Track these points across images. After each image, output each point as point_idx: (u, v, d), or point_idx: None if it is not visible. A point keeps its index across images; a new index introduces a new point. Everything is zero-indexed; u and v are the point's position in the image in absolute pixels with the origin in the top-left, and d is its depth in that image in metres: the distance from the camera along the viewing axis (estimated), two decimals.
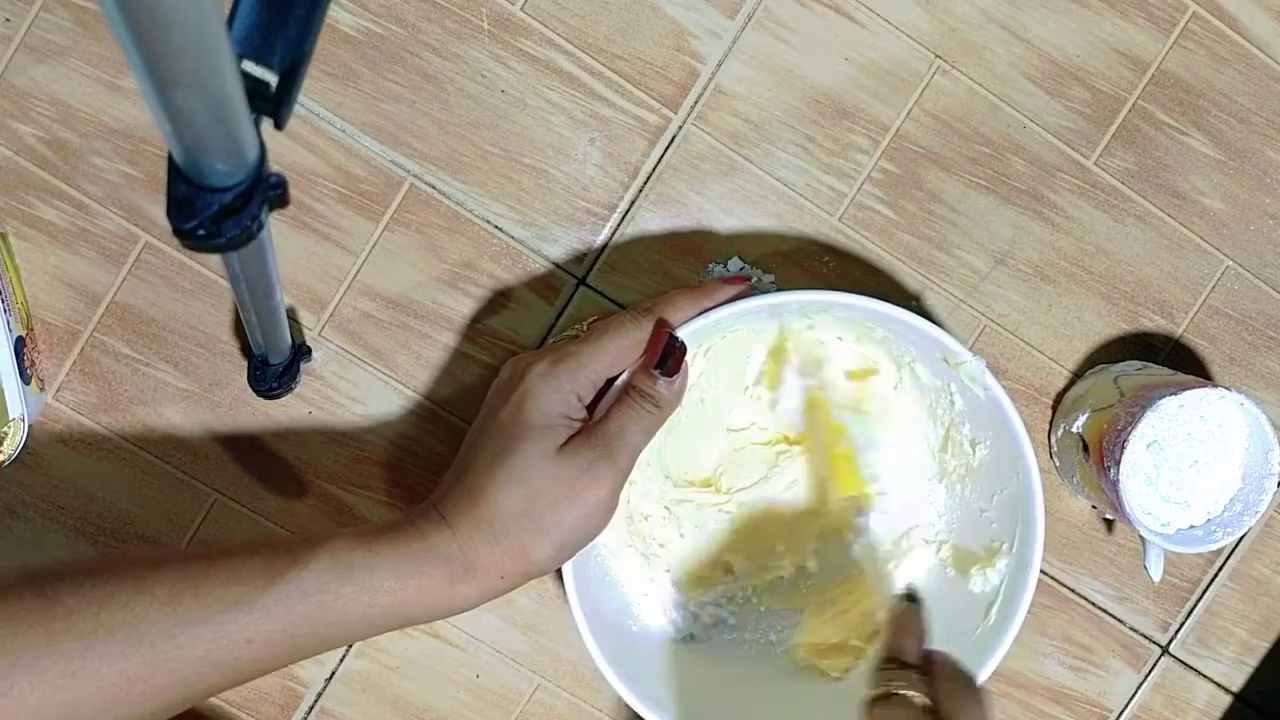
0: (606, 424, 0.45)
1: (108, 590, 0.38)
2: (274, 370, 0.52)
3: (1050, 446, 0.59)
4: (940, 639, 0.54)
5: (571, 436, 0.44)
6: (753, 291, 0.50)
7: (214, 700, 0.56)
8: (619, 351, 0.46)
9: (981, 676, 0.51)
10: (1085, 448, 0.55)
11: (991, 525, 0.53)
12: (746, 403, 0.56)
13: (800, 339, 0.55)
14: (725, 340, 0.54)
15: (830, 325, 0.54)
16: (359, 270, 0.55)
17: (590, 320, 0.53)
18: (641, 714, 0.50)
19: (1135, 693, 0.61)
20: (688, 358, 0.47)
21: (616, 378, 0.47)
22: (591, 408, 0.47)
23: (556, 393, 0.44)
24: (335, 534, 0.42)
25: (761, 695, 0.55)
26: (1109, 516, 0.59)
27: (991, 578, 0.53)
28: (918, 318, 0.49)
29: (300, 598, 0.39)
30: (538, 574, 0.43)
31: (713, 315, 0.48)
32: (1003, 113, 0.57)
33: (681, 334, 0.47)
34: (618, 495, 0.45)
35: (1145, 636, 0.61)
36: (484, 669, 0.58)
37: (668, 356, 0.46)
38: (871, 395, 0.56)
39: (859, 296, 0.49)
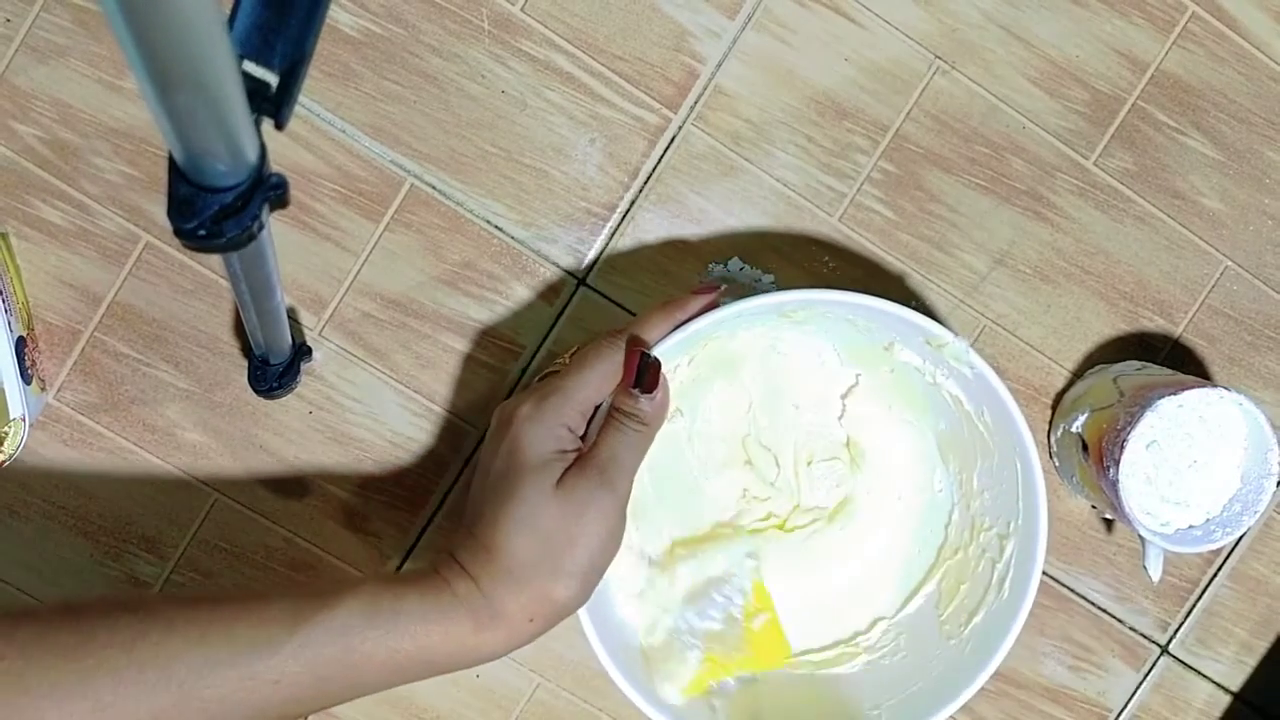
0: (598, 451, 0.45)
1: (141, 628, 0.38)
2: (274, 370, 0.52)
3: (1050, 446, 0.59)
4: (957, 619, 0.54)
5: (567, 469, 0.44)
6: (724, 298, 0.49)
7: None
8: (600, 377, 0.46)
9: (1003, 649, 0.51)
10: (1085, 447, 0.55)
11: (995, 504, 0.54)
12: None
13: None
14: (706, 349, 0.54)
15: (811, 328, 0.54)
16: (359, 270, 0.55)
17: (570, 352, 0.53)
18: (644, 712, 0.50)
19: (1135, 692, 0.61)
20: (668, 370, 0.47)
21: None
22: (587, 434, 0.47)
23: (545, 430, 0.45)
24: (363, 579, 0.42)
25: (756, 687, 0.55)
26: (1108, 516, 0.59)
27: (1001, 553, 0.53)
28: (893, 304, 0.48)
29: (326, 641, 0.40)
30: (567, 614, 0.43)
31: (690, 327, 0.48)
32: (1002, 113, 0.57)
33: (662, 348, 0.47)
34: (623, 517, 0.45)
35: (1145, 636, 0.61)
36: (484, 668, 0.58)
37: (643, 374, 0.46)
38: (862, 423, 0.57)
39: (833, 291, 0.48)
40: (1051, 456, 0.59)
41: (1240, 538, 0.60)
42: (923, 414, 0.56)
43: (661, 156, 0.56)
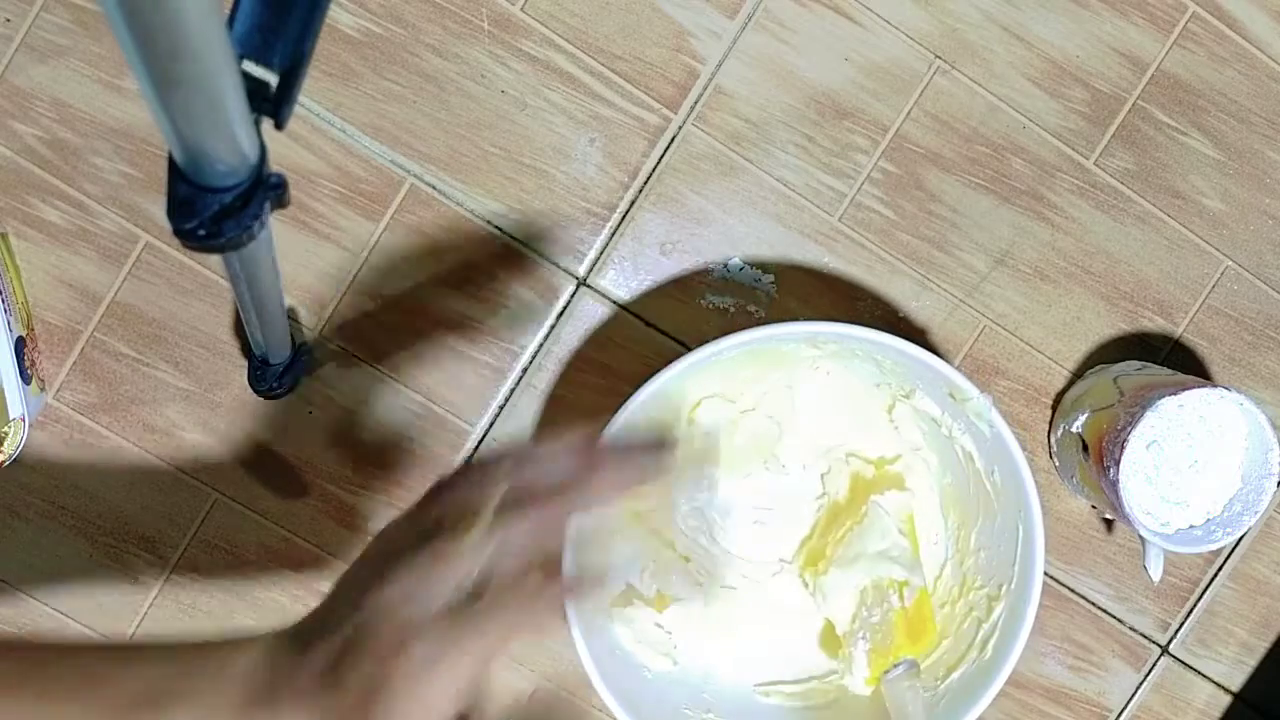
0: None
1: None
2: (274, 370, 0.52)
3: (1050, 447, 0.59)
4: (935, 671, 0.54)
5: None
6: (655, 459, 0.37)
7: None
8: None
9: (977, 710, 0.51)
10: (1085, 448, 0.55)
11: (989, 564, 0.54)
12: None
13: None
14: (730, 373, 0.54)
15: (836, 357, 0.54)
16: (359, 270, 0.55)
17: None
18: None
19: (1135, 692, 0.61)
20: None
21: None
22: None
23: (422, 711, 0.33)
24: (205, 681, 0.34)
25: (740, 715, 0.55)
26: (1108, 516, 0.59)
27: (988, 614, 0.53)
28: (924, 351, 0.49)
29: None
30: None
31: (724, 342, 0.48)
32: (1002, 113, 0.57)
33: (688, 364, 0.47)
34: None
35: (1145, 636, 0.61)
36: None
37: None
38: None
39: (867, 330, 0.49)
40: (1052, 457, 0.59)
41: (1241, 538, 0.60)
42: (931, 465, 0.56)
43: (661, 156, 0.56)
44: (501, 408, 0.57)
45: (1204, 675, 0.61)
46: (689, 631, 0.56)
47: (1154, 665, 0.61)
